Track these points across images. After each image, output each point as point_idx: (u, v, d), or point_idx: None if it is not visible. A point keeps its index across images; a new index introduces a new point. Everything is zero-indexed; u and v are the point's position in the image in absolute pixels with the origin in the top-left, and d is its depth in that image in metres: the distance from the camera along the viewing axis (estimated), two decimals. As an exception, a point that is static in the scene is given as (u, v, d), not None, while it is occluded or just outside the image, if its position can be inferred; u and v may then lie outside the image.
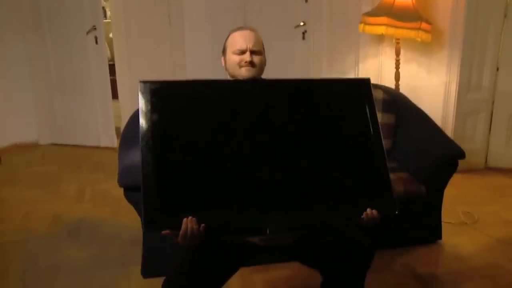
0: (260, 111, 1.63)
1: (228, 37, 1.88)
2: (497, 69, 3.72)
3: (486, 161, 3.92)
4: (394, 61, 3.81)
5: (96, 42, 4.27)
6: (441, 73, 3.73)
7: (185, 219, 1.44)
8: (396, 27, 3.45)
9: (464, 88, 3.68)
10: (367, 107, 1.69)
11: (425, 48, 3.77)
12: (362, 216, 1.55)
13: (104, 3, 5.73)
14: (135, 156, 2.24)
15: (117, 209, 3.17)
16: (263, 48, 1.87)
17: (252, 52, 1.80)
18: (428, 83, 3.84)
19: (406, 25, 3.43)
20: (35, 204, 3.30)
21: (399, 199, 2.47)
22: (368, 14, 3.67)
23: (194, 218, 1.44)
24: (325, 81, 1.88)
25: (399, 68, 3.79)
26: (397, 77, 3.81)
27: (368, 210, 1.54)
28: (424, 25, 3.43)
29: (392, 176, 2.53)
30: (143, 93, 1.57)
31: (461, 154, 2.55)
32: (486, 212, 3.13)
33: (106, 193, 3.46)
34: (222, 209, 1.50)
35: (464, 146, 2.70)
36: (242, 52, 1.80)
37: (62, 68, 4.43)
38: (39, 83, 4.47)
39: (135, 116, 2.59)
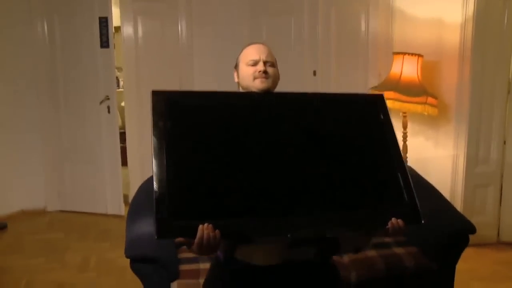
0: (276, 122, 1.62)
1: (241, 52, 1.84)
2: (504, 142, 3.74)
3: (498, 235, 3.84)
4: (401, 134, 3.85)
5: (109, 111, 4.38)
6: (448, 146, 3.76)
7: (201, 226, 1.37)
8: (402, 101, 3.52)
9: (472, 160, 3.69)
10: (383, 120, 1.69)
11: (432, 122, 3.82)
12: (387, 227, 1.51)
13: (118, 73, 5.92)
14: (143, 226, 2.23)
15: (122, 279, 3.11)
16: (276, 63, 1.80)
17: (266, 63, 1.74)
18: (435, 156, 3.86)
19: (412, 100, 3.50)
20: (39, 273, 3.25)
21: (410, 274, 2.43)
22: (376, 88, 3.76)
23: (211, 225, 1.37)
24: (340, 95, 1.85)
25: (406, 141, 3.82)
26: (405, 149, 3.83)
27: (393, 219, 1.51)
28: (430, 99, 3.50)
29: (401, 250, 2.52)
30: (155, 103, 1.55)
31: (471, 229, 2.51)
32: (501, 289, 3.04)
33: (111, 263, 3.40)
34: (239, 216, 1.44)
35: (475, 219, 2.66)
36: (255, 63, 1.73)
37: (74, 136, 4.52)
38: (50, 150, 4.54)
39: (144, 186, 2.61)
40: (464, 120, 3.64)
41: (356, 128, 1.69)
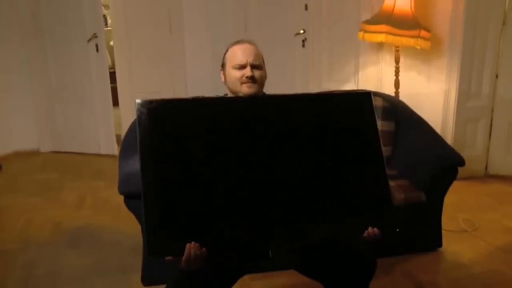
0: (261, 128, 1.60)
1: (227, 51, 1.84)
2: (496, 76, 3.73)
3: (486, 169, 3.92)
4: (393, 69, 3.82)
5: (97, 50, 4.29)
6: (440, 81, 3.75)
7: (188, 245, 1.43)
8: (395, 34, 3.46)
9: (464, 95, 3.69)
10: (368, 121, 1.66)
11: (425, 56, 3.78)
12: (364, 235, 1.55)
13: (105, 11, 5.76)
14: (135, 164, 2.24)
15: (118, 216, 3.17)
16: (263, 62, 1.83)
17: (253, 67, 1.76)
18: (427, 91, 3.85)
19: (405, 33, 3.45)
20: (35, 211, 3.31)
21: (400, 207, 2.49)
22: (368, 22, 3.69)
23: (197, 244, 1.43)
24: (326, 95, 1.85)
25: (398, 75, 3.80)
26: (397, 84, 3.82)
27: (370, 228, 1.54)
28: (423, 32, 3.45)
29: (392, 183, 2.57)
30: (140, 113, 1.51)
31: (461, 162, 2.55)
32: (487, 219, 3.13)
33: (106, 201, 3.46)
34: (224, 233, 1.48)
35: (464, 153, 2.70)
36: (242, 67, 1.76)
37: (63, 76, 4.45)
38: (40, 90, 4.49)
39: (135, 124, 2.60)
40: (457, 54, 3.60)
41: (342, 129, 1.66)
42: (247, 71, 1.74)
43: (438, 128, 3.50)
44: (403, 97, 3.69)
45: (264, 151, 1.57)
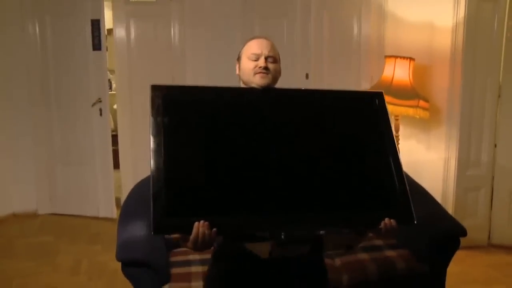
0: (273, 119, 1.62)
1: (244, 45, 1.83)
2: (495, 145, 3.77)
3: (489, 238, 3.87)
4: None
5: (101, 114, 4.36)
6: (440, 149, 3.78)
7: (196, 223, 1.38)
8: (394, 104, 3.53)
9: (464, 164, 3.71)
10: (381, 119, 1.69)
11: (424, 125, 3.84)
12: (380, 226, 1.52)
13: (110, 76, 5.90)
14: (135, 230, 2.23)
15: (113, 283, 3.09)
16: (279, 58, 1.80)
17: (267, 58, 1.73)
18: (427, 159, 3.88)
19: (404, 103, 3.52)
20: (29, 277, 3.23)
21: (401, 277, 2.43)
22: (367, 91, 3.77)
23: (206, 223, 1.38)
24: (339, 92, 1.84)
25: (398, 144, 3.84)
26: (397, 152, 3.84)
27: (386, 220, 1.51)
28: (421, 103, 3.52)
29: (392, 253, 2.53)
30: (154, 97, 1.54)
31: (462, 231, 2.52)
32: (492, 292, 3.05)
33: (103, 266, 3.39)
34: (235, 214, 1.45)
35: (466, 222, 2.68)
36: (257, 57, 1.72)
37: (66, 139, 4.49)
38: (42, 152, 4.51)
39: (136, 189, 2.60)
40: (455, 124, 3.66)
41: (354, 125, 1.69)
42: (261, 62, 1.70)
43: (438, 197, 3.49)
44: (403, 165, 3.71)
45: (275, 140, 1.58)
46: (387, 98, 3.52)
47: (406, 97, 3.53)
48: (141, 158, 4.32)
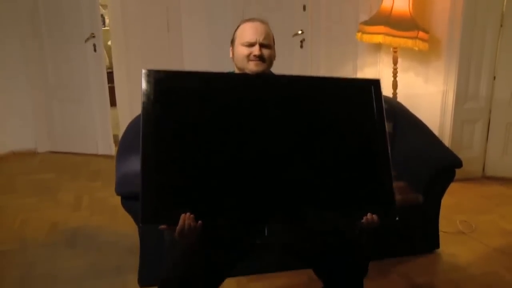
0: (266, 107, 1.60)
1: (238, 27, 1.82)
2: (494, 78, 3.74)
3: (483, 170, 3.92)
4: (391, 70, 3.82)
5: (95, 50, 4.28)
6: (438, 82, 3.75)
7: (182, 215, 1.43)
8: (393, 36, 3.47)
9: (461, 97, 3.69)
10: (375, 109, 1.66)
11: (423, 57, 3.79)
12: (362, 221, 1.54)
13: (103, 11, 5.75)
14: (133, 164, 2.24)
15: (115, 217, 3.16)
16: (273, 41, 1.80)
17: (262, 46, 1.73)
18: (425, 92, 3.85)
19: (403, 34, 3.45)
20: (32, 212, 3.30)
21: (397, 208, 2.49)
22: (366, 23, 3.69)
23: (192, 215, 1.43)
24: (335, 80, 1.83)
25: (396, 77, 3.80)
26: (395, 85, 3.82)
27: (369, 215, 1.54)
28: (421, 34, 3.45)
29: (389, 184, 2.57)
30: (146, 83, 1.53)
31: (458, 163, 2.55)
32: (484, 221, 3.13)
33: (103, 201, 3.45)
34: (221, 207, 1.48)
35: (462, 155, 2.70)
36: (251, 45, 1.73)
37: (61, 76, 4.44)
38: (37, 91, 4.47)
39: (133, 124, 2.60)
40: (455, 56, 3.60)
41: (347, 116, 1.66)
42: (256, 50, 1.71)
43: (435, 130, 3.50)
44: (401, 99, 3.70)
45: (266, 129, 1.57)
46: (386, 29, 3.48)
47: (405, 28, 3.46)
48: (137, 94, 4.25)
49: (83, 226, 3.10)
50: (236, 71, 1.85)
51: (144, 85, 1.52)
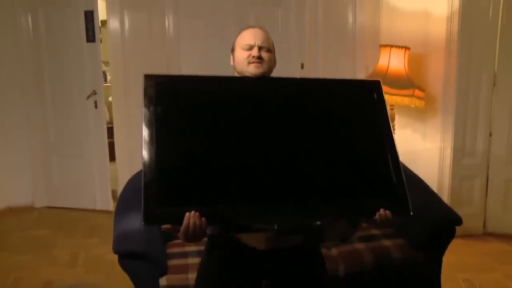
0: (268, 108, 1.60)
1: (238, 36, 1.82)
2: (490, 134, 3.78)
3: (484, 226, 3.89)
4: (389, 127, 3.86)
5: (96, 107, 4.34)
6: (435, 139, 3.79)
7: (187, 214, 1.38)
8: (390, 94, 3.53)
9: (459, 153, 3.72)
10: (379, 108, 1.67)
11: (419, 114, 3.84)
12: (375, 217, 1.51)
13: (105, 68, 5.87)
14: (131, 222, 2.23)
15: (111, 275, 3.10)
16: (273, 48, 1.80)
17: (261, 48, 1.72)
18: (423, 148, 3.88)
19: (399, 92, 3.52)
20: (26, 270, 3.23)
21: (397, 266, 2.45)
22: (363, 81, 3.76)
23: (197, 213, 1.38)
24: (336, 81, 1.82)
25: (394, 133, 3.83)
26: (392, 142, 3.85)
27: (381, 210, 1.51)
28: (417, 92, 3.52)
29: (389, 242, 2.54)
30: (147, 86, 1.53)
31: (458, 220, 2.53)
32: (487, 280, 3.07)
33: (100, 259, 3.39)
34: (226, 204, 1.44)
35: (461, 211, 2.69)
36: (251, 48, 1.71)
37: (61, 132, 4.48)
38: (37, 145, 4.49)
39: (132, 180, 2.60)
40: (451, 113, 3.66)
41: (351, 115, 1.67)
42: (255, 51, 1.70)
43: (434, 186, 3.50)
44: (399, 155, 3.71)
45: (271, 128, 1.57)
46: (382, 88, 3.54)
47: (402, 86, 3.53)
48: (136, 150, 4.25)
49: (78, 284, 3.03)
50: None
51: (145, 88, 1.54)
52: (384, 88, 3.55)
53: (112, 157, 4.50)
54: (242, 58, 1.71)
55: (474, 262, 3.36)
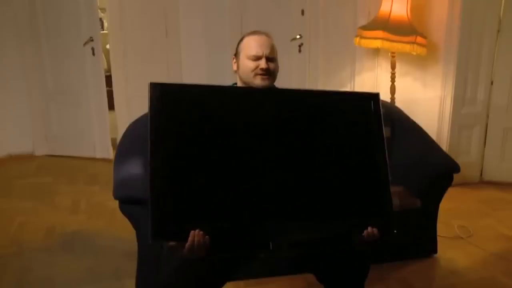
0: (271, 121, 1.62)
1: (241, 40, 1.82)
2: (491, 83, 3.75)
3: (481, 175, 3.93)
4: (389, 75, 3.83)
5: (93, 54, 4.28)
6: (436, 87, 3.76)
7: (192, 232, 1.43)
8: (391, 41, 3.48)
9: (459, 101, 3.70)
10: (374, 122, 1.68)
11: (421, 62, 3.80)
12: (362, 234, 1.56)
13: (101, 15, 5.74)
14: (131, 168, 2.24)
15: (112, 221, 3.15)
16: (277, 55, 1.81)
17: (268, 60, 1.73)
18: (423, 97, 3.86)
19: (401, 39, 3.46)
20: (29, 216, 3.28)
21: (396, 213, 2.49)
22: (364, 27, 3.70)
23: (201, 232, 1.44)
24: (336, 93, 1.88)
25: (394, 81, 3.81)
26: (393, 90, 3.83)
27: (369, 228, 1.56)
28: (419, 39, 3.46)
29: (387, 189, 2.57)
30: (152, 97, 1.52)
31: (456, 168, 2.56)
32: (481, 226, 3.13)
33: (101, 205, 3.44)
34: (228, 223, 1.50)
35: (459, 159, 2.71)
36: (258, 58, 1.72)
37: (59, 79, 4.43)
38: (35, 94, 4.46)
39: (131, 128, 2.59)
40: (452, 61, 3.61)
41: (348, 129, 1.69)
42: (263, 63, 1.71)
43: (433, 134, 3.51)
44: (398, 103, 3.70)
45: (273, 144, 1.59)
46: (384, 34, 3.49)
47: (403, 33, 3.46)
48: (135, 98, 4.28)
49: (81, 230, 3.09)
50: (239, 83, 1.85)
51: (151, 98, 1.52)
52: (386, 35, 3.53)
53: (111, 106, 4.49)
54: (248, 68, 1.71)
55: (470, 209, 3.42)
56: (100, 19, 5.30)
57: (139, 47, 4.39)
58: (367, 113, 1.69)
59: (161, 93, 1.53)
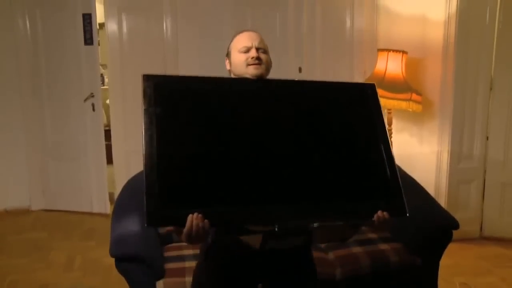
0: (267, 109, 1.62)
1: (232, 40, 1.82)
2: (487, 138, 3.79)
3: (481, 230, 3.89)
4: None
5: (93, 109, 4.33)
6: (432, 143, 3.79)
7: (190, 216, 1.37)
8: (387, 98, 3.54)
9: (456, 157, 3.73)
10: (374, 110, 1.69)
11: (417, 118, 3.85)
12: (373, 219, 1.53)
13: (102, 71, 5.87)
14: (128, 224, 2.22)
15: (108, 279, 3.09)
16: (268, 49, 1.79)
17: (258, 49, 1.72)
18: (420, 152, 3.89)
19: (397, 96, 3.53)
20: (22, 273, 3.21)
21: (395, 270, 2.45)
22: (360, 85, 3.77)
23: (200, 215, 1.38)
24: (332, 83, 1.85)
25: (391, 137, 3.85)
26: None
27: (379, 212, 1.53)
28: (414, 96, 3.53)
29: (386, 246, 2.54)
30: (146, 87, 1.53)
31: (455, 224, 2.54)
32: (484, 284, 3.08)
33: (97, 262, 3.38)
34: (228, 206, 1.44)
35: (458, 215, 2.69)
36: (248, 49, 1.71)
37: (58, 134, 4.47)
38: (35, 148, 4.49)
39: (129, 184, 2.59)
40: (448, 117, 3.67)
41: (347, 117, 1.70)
42: (253, 52, 1.70)
43: (431, 190, 3.51)
44: (396, 159, 3.71)
45: (269, 130, 1.58)
46: (380, 92, 3.54)
47: (399, 90, 3.53)
48: (134, 153, 4.30)
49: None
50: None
51: (144, 88, 1.53)
52: (382, 92, 3.59)
53: (109, 160, 4.50)
54: (240, 60, 1.71)
55: (471, 266, 3.36)
56: (101, 75, 5.42)
57: (138, 102, 4.43)
58: (364, 101, 1.71)
59: (154, 84, 1.54)
